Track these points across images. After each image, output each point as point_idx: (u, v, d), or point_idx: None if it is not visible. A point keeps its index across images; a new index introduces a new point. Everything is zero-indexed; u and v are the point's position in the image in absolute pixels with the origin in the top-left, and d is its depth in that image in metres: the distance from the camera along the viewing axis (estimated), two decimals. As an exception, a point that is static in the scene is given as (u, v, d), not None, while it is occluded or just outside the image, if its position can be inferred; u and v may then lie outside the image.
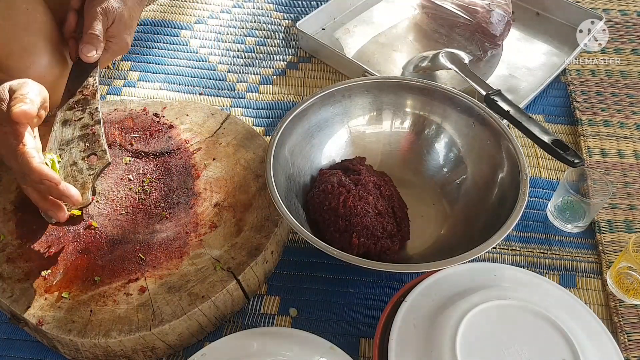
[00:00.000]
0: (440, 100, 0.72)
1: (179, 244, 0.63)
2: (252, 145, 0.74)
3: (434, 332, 0.53)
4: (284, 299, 0.65)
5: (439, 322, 0.54)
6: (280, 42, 0.96)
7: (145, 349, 0.58)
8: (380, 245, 0.63)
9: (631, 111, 0.85)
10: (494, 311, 0.54)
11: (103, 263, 0.62)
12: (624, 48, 0.95)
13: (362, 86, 0.73)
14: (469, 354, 0.50)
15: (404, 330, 0.54)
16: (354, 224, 0.63)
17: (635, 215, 0.72)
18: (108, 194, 0.68)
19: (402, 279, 0.66)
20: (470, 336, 0.52)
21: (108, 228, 0.65)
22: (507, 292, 0.56)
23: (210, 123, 0.76)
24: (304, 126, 0.71)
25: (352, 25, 0.98)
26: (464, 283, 0.58)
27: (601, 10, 1.00)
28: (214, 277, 0.60)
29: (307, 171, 0.71)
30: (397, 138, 0.75)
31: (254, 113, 0.85)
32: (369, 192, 0.66)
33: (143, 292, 0.59)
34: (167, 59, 0.93)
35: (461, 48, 0.91)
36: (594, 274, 0.68)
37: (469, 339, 0.51)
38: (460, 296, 0.56)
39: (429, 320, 0.54)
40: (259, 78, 0.90)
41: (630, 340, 0.61)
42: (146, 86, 0.88)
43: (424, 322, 0.54)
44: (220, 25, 0.99)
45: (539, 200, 0.75)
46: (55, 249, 0.63)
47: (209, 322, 0.60)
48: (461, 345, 0.51)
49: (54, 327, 0.57)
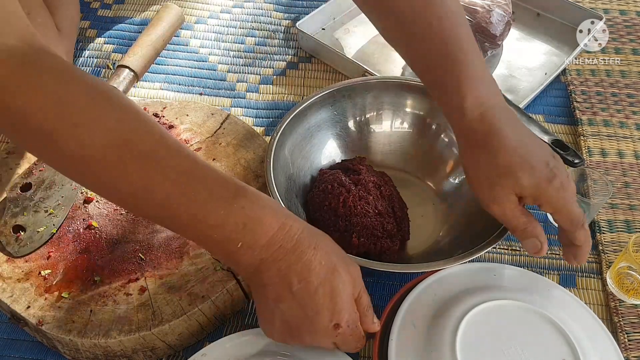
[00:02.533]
0: (440, 100, 0.72)
1: (179, 243, 0.63)
2: (252, 145, 0.74)
3: (434, 332, 0.53)
4: (284, 299, 0.65)
5: (439, 322, 0.54)
6: (280, 42, 0.96)
7: (145, 349, 0.58)
8: (380, 245, 0.63)
9: (631, 111, 0.85)
10: (494, 311, 0.54)
11: (103, 263, 0.62)
12: (624, 48, 0.95)
13: (362, 86, 0.73)
14: (469, 354, 0.50)
15: (404, 330, 0.54)
16: (353, 224, 0.63)
17: (635, 215, 0.72)
18: (108, 194, 0.68)
19: (402, 279, 0.66)
20: (470, 336, 0.52)
21: (108, 228, 0.65)
22: (507, 292, 0.56)
23: (210, 123, 0.76)
24: (304, 126, 0.71)
25: (352, 25, 0.98)
26: (464, 283, 0.58)
27: (601, 10, 0.99)
28: (214, 277, 0.60)
29: (307, 171, 0.71)
30: (397, 138, 0.75)
31: (254, 113, 0.85)
32: (368, 192, 0.66)
33: (143, 292, 0.59)
34: (167, 59, 0.93)
35: (461, 48, 0.90)
36: (593, 274, 0.68)
37: (469, 339, 0.51)
38: (461, 296, 0.56)
39: (429, 320, 0.54)
40: (259, 78, 0.90)
41: (630, 340, 0.61)
42: (146, 86, 0.88)
43: (424, 322, 0.54)
44: (220, 25, 0.99)
45: (539, 200, 0.75)
46: (55, 249, 0.63)
47: (209, 322, 0.60)
48: (461, 345, 0.51)
49: (54, 327, 0.57)
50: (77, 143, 0.42)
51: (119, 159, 0.43)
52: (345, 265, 0.49)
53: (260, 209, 0.46)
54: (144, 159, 0.44)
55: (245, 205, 0.45)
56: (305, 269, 0.47)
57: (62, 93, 0.42)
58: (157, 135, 0.45)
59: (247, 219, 0.45)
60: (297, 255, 0.47)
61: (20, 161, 0.70)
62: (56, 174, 0.69)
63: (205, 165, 0.47)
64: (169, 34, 0.83)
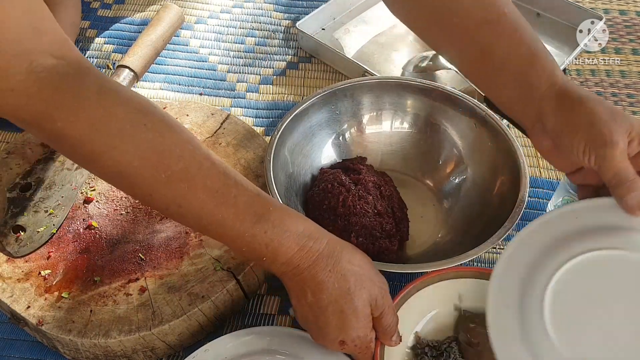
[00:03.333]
0: (441, 100, 0.72)
1: (178, 244, 0.63)
2: (252, 145, 0.74)
3: (530, 280, 0.49)
4: (284, 299, 0.65)
5: (535, 271, 0.49)
6: (280, 42, 0.96)
7: (145, 349, 0.58)
8: (379, 245, 0.63)
9: (631, 111, 0.85)
10: (600, 263, 0.47)
11: (103, 263, 0.62)
12: (624, 48, 0.95)
13: (362, 86, 0.73)
14: (561, 312, 0.46)
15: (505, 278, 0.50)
16: (352, 224, 0.63)
17: (635, 215, 0.72)
18: (108, 194, 0.68)
19: (400, 279, 0.66)
20: (564, 293, 0.47)
21: (108, 228, 0.65)
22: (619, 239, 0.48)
23: (210, 123, 0.76)
24: (304, 125, 0.71)
25: (352, 25, 0.98)
26: (567, 230, 0.51)
27: (601, 10, 0.99)
28: (213, 277, 0.60)
29: (307, 170, 0.71)
30: (398, 138, 0.75)
31: (254, 113, 0.85)
32: (368, 192, 0.66)
33: (143, 292, 0.59)
34: (167, 59, 0.93)
35: (461, 48, 0.90)
36: (594, 274, 0.68)
37: (562, 297, 0.46)
38: (559, 246, 0.50)
39: (528, 268, 0.50)
40: (259, 78, 0.90)
41: (630, 340, 0.61)
42: (146, 86, 0.88)
43: (524, 270, 0.50)
44: (220, 25, 0.99)
45: (539, 200, 0.75)
46: (55, 249, 0.63)
47: (209, 322, 0.60)
48: (551, 303, 0.47)
49: (54, 327, 0.57)
50: (114, 162, 0.46)
51: (152, 177, 0.46)
52: (365, 287, 0.51)
53: (282, 232, 0.49)
54: (176, 179, 0.47)
55: (268, 230, 0.49)
56: (317, 288, 0.50)
57: (99, 116, 0.45)
58: (189, 152, 0.48)
59: (269, 240, 0.49)
60: (311, 275, 0.50)
61: (20, 161, 0.70)
62: (56, 174, 0.69)
63: (236, 184, 0.49)
64: (169, 34, 0.83)
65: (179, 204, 0.47)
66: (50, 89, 0.43)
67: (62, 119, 0.43)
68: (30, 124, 0.45)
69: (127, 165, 0.46)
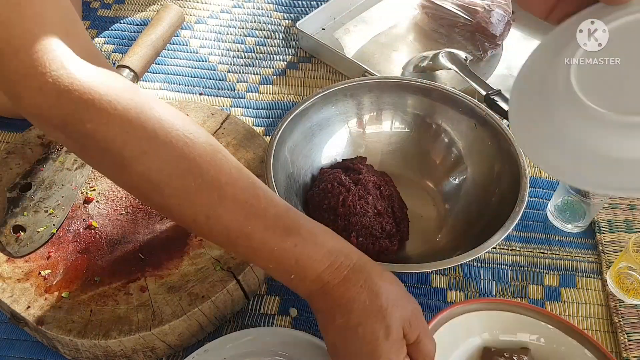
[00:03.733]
0: (441, 100, 0.72)
1: (179, 243, 0.63)
2: (252, 145, 0.74)
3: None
4: (284, 299, 0.65)
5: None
6: (280, 42, 0.96)
7: (145, 349, 0.58)
8: (379, 245, 0.63)
9: (631, 111, 0.84)
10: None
11: (103, 263, 0.62)
12: (624, 48, 0.94)
13: (362, 86, 0.73)
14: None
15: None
16: (352, 224, 0.63)
17: (635, 215, 0.72)
18: (108, 194, 0.68)
19: (400, 280, 0.66)
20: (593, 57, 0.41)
21: (108, 228, 0.65)
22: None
23: (210, 123, 0.76)
24: (305, 125, 0.71)
25: (352, 25, 0.98)
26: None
27: (601, 10, 0.99)
28: (214, 277, 0.60)
29: (307, 170, 0.71)
30: (398, 138, 0.75)
31: (254, 113, 0.85)
32: (368, 192, 0.66)
33: (143, 292, 0.59)
34: (167, 58, 0.93)
35: (461, 48, 0.90)
36: (594, 274, 0.68)
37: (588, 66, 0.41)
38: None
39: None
40: (259, 78, 0.90)
41: (630, 340, 0.61)
42: (146, 86, 0.88)
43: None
44: (220, 25, 0.99)
45: (539, 200, 0.75)
46: (55, 249, 0.63)
47: (209, 322, 0.60)
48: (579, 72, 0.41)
49: (54, 327, 0.57)
50: (145, 169, 0.44)
51: (182, 186, 0.44)
52: (398, 305, 0.48)
53: (312, 246, 0.47)
54: (206, 188, 0.45)
55: (298, 244, 0.47)
56: (347, 307, 0.47)
57: (131, 118, 0.43)
58: (219, 160, 0.46)
59: (299, 255, 0.47)
60: (341, 292, 0.47)
61: (20, 161, 0.70)
62: (56, 174, 0.69)
63: (265, 196, 0.47)
64: (169, 34, 0.83)
65: (208, 215, 0.45)
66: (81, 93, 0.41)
67: (92, 120, 0.41)
68: (57, 127, 0.42)
69: (158, 172, 0.44)
